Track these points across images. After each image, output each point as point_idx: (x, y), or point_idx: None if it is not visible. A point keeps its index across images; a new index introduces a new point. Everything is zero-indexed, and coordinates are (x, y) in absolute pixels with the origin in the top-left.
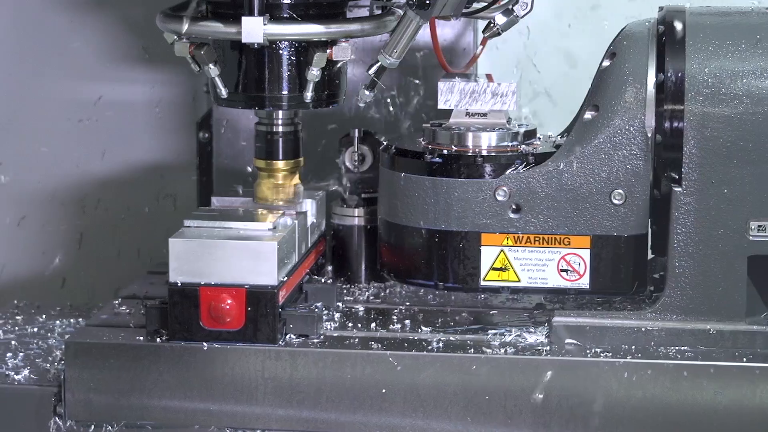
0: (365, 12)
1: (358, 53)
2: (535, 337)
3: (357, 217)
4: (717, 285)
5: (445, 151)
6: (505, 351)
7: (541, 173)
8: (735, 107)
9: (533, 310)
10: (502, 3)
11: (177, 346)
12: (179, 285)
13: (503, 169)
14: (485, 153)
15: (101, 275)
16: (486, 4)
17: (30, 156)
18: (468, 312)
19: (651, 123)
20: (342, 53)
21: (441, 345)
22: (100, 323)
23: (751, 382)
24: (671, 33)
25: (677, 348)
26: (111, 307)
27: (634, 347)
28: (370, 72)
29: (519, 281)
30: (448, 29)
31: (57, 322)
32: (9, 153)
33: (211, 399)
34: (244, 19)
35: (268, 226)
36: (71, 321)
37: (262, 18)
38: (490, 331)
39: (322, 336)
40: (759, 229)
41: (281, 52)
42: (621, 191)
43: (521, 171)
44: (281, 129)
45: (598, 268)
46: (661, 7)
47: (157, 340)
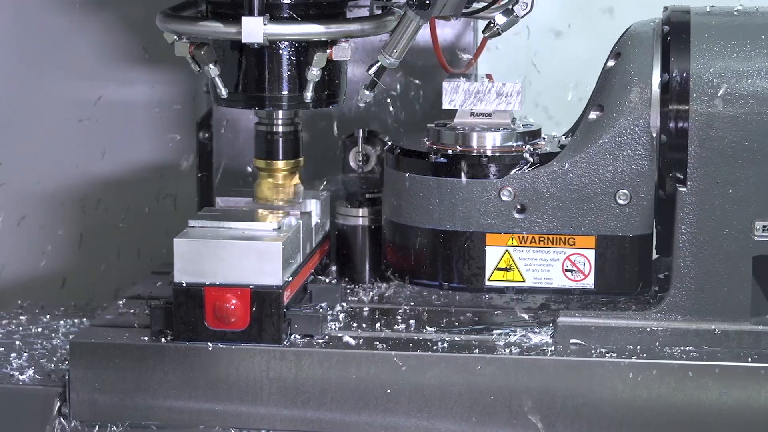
0: (365, 12)
1: (358, 53)
2: (540, 338)
3: (361, 217)
4: (722, 285)
5: (450, 152)
6: (510, 351)
7: (546, 173)
8: (740, 107)
9: (537, 310)
10: (502, 3)
11: (182, 346)
12: (184, 285)
13: (508, 169)
14: (490, 153)
15: (101, 275)
16: (486, 4)
17: (30, 156)
18: (472, 312)
19: (656, 123)
20: (342, 53)
21: (446, 345)
22: (104, 323)
23: (756, 382)
24: (676, 33)
25: (682, 348)
26: (115, 308)
27: (639, 347)
28: (370, 72)
29: (524, 281)
30: (448, 29)
31: (61, 322)
32: (9, 153)
33: (216, 399)
34: (244, 19)
35: (273, 226)
36: (75, 321)
37: (262, 18)
38: (495, 332)
39: (326, 336)
40: (764, 230)
41: (281, 52)
42: (626, 191)
43: (526, 171)
44: (281, 129)
45: (602, 268)
46: (666, 7)
47: (162, 340)
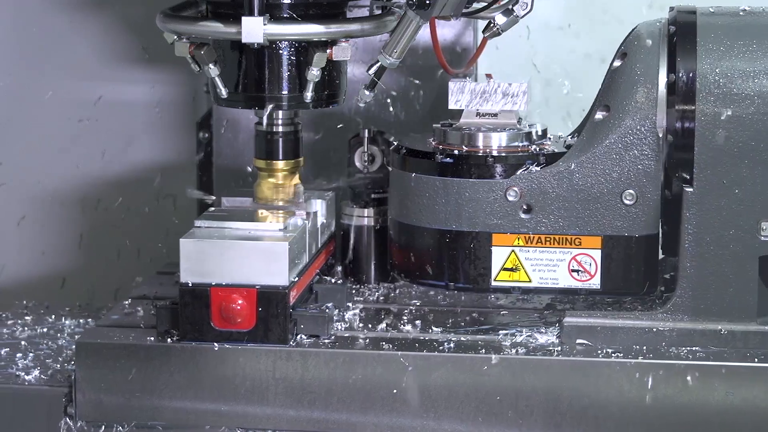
0: (365, 12)
1: (358, 53)
2: (546, 338)
3: (367, 218)
4: (728, 285)
5: (456, 152)
6: (516, 351)
7: (552, 173)
8: (746, 107)
9: (543, 310)
10: (502, 3)
11: (188, 346)
12: (190, 285)
13: (514, 170)
14: (496, 153)
15: (101, 275)
16: (486, 4)
17: (30, 156)
18: (478, 312)
19: (662, 123)
20: (342, 53)
21: (452, 345)
22: (110, 324)
23: (763, 382)
24: (682, 33)
25: (688, 348)
26: (121, 308)
27: (645, 348)
28: (370, 72)
29: (530, 281)
30: (448, 29)
31: (66, 322)
32: (9, 153)
33: (222, 399)
34: (244, 19)
35: (279, 226)
36: (80, 321)
37: (262, 18)
38: (501, 332)
39: (333, 336)
40: None
41: (281, 52)
42: (632, 191)
43: (532, 171)
44: (281, 129)
45: (609, 268)
46: (672, 8)
47: (168, 340)
